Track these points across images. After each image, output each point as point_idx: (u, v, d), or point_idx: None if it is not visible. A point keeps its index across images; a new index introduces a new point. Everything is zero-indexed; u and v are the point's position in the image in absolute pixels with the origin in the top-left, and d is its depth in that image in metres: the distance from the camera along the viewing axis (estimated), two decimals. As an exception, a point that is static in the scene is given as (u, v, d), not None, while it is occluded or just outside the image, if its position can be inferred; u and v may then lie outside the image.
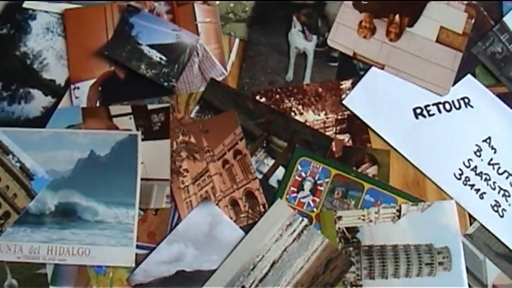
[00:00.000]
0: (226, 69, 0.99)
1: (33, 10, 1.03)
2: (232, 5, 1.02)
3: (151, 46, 0.98)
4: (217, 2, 1.02)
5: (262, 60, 1.00)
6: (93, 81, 0.99)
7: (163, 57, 0.97)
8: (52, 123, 0.98)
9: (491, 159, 0.98)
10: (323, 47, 1.01)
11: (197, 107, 0.98)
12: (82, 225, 0.94)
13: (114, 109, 0.98)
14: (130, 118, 0.97)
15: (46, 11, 1.03)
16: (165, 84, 0.96)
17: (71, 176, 0.96)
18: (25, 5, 1.03)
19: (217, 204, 0.95)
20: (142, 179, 0.95)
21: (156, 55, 0.96)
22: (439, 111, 1.00)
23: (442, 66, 1.00)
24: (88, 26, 1.01)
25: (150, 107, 0.98)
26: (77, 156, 0.96)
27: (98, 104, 0.98)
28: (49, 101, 0.99)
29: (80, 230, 0.94)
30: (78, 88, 0.98)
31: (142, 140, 0.96)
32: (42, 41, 1.01)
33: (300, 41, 1.00)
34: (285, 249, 0.93)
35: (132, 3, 1.01)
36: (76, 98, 0.98)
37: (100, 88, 0.98)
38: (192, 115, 0.98)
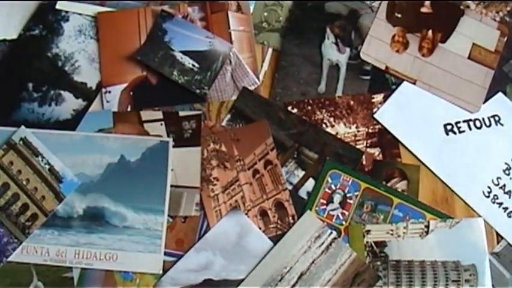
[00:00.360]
0: (258, 79, 1.00)
1: (66, 12, 1.03)
2: (266, 14, 1.03)
3: (184, 52, 0.98)
4: (251, 11, 1.01)
5: (295, 71, 1.00)
6: (124, 85, 0.99)
7: (196, 64, 0.97)
8: (82, 126, 0.99)
9: (520, 178, 0.99)
10: (356, 59, 1.01)
11: (229, 116, 0.99)
12: (110, 230, 0.95)
13: (145, 114, 0.98)
14: (162, 124, 0.98)
15: (79, 13, 1.03)
16: (197, 91, 0.97)
17: (100, 180, 0.96)
18: (58, 6, 1.03)
19: (246, 214, 0.95)
20: (172, 186, 0.95)
21: (188, 62, 0.97)
22: (469, 128, 1.01)
23: (473, 83, 1.01)
24: (121, 30, 1.01)
25: (181, 113, 0.98)
26: (107, 160, 0.96)
27: (129, 109, 0.98)
28: (80, 104, 0.99)
29: (108, 235, 0.95)
30: (109, 92, 0.99)
31: (173, 146, 0.96)
32: (75, 43, 1.02)
33: (333, 53, 1.01)
34: (313, 262, 0.93)
35: (166, 8, 1.01)
36: (107, 102, 0.99)
37: (131, 93, 0.99)
38: (224, 123, 0.98)
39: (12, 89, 1.01)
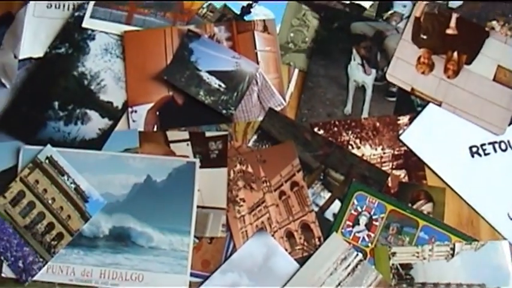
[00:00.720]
0: (285, 99, 1.01)
1: (92, 30, 1.05)
2: (292, 34, 1.04)
3: (211, 72, 0.99)
4: (277, 31, 1.03)
5: (321, 92, 1.01)
6: (151, 105, 1.01)
7: (222, 85, 0.98)
8: (108, 145, 1.00)
9: (545, 201, 1.00)
10: (381, 81, 1.02)
11: (255, 136, 1.00)
12: (136, 250, 0.96)
13: (172, 135, 0.99)
14: (188, 144, 0.99)
15: (105, 32, 1.04)
16: (224, 111, 0.98)
17: (126, 200, 0.97)
18: (84, 24, 1.05)
19: (272, 236, 0.96)
20: (198, 207, 0.96)
21: (215, 82, 0.98)
22: (495, 150, 1.02)
23: (498, 106, 1.02)
24: (147, 49, 1.02)
25: (207, 134, 0.99)
26: (133, 180, 0.97)
27: (155, 129, 0.99)
28: (106, 123, 1.00)
29: (134, 255, 0.95)
30: (135, 111, 1.00)
31: (200, 167, 0.97)
32: (101, 62, 1.03)
33: (359, 74, 1.02)
34: (339, 283, 0.94)
35: (192, 27, 1.02)
36: (133, 121, 1.00)
37: (158, 113, 1.00)
38: (250, 144, 0.99)
39: (38, 108, 1.02)
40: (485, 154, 1.02)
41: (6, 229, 0.97)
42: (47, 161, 0.98)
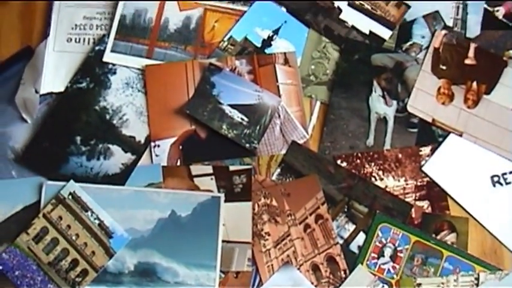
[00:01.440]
0: (307, 132, 1.03)
1: (113, 64, 1.07)
2: (313, 67, 1.07)
3: (233, 106, 1.02)
4: (298, 64, 1.05)
5: (343, 124, 1.04)
6: (174, 139, 1.03)
7: (245, 118, 1.01)
8: (132, 180, 1.02)
9: None
10: (403, 112, 1.05)
11: (278, 170, 1.02)
12: (162, 286, 0.98)
13: (196, 169, 1.02)
14: (212, 179, 1.01)
15: (126, 66, 1.06)
16: (247, 145, 1.00)
17: (151, 236, 0.99)
18: (105, 59, 1.06)
19: (298, 269, 0.98)
20: (223, 241, 0.98)
21: (237, 115, 1.00)
22: (516, 179, 1.05)
23: (519, 135, 1.05)
24: (169, 83, 1.05)
25: (231, 168, 1.01)
26: (158, 215, 0.99)
27: (178, 163, 1.01)
28: (129, 158, 1.02)
29: (160, 291, 0.97)
30: (158, 146, 1.02)
31: (224, 201, 0.99)
32: (122, 96, 1.05)
33: (380, 106, 1.04)
34: (366, 316, 0.96)
35: (214, 61, 1.04)
36: (156, 155, 1.02)
37: (181, 147, 1.02)
38: (274, 178, 1.02)
39: (60, 143, 1.04)
40: (507, 183, 1.05)
41: (30, 266, 0.98)
42: (70, 197, 1.00)
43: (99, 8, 1.11)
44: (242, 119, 1.02)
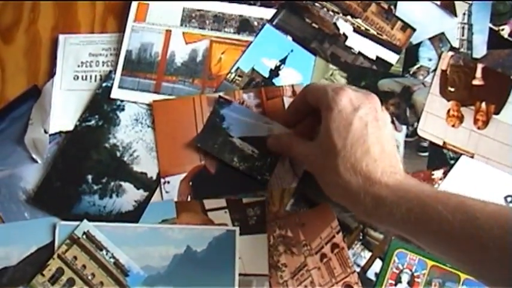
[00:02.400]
0: (318, 161, 1.05)
1: (121, 101, 1.09)
2: (321, 95, 1.08)
3: (243, 139, 1.04)
4: (307, 93, 1.08)
5: (355, 152, 1.06)
6: (183, 175, 1.05)
7: (256, 150, 1.04)
8: (145, 217, 1.05)
9: None
10: (413, 136, 1.08)
11: (292, 200, 1.04)
12: (181, 322, 0.99)
13: (209, 203, 1.05)
14: (226, 212, 1.04)
15: (134, 102, 1.08)
16: (259, 177, 1.03)
17: (167, 272, 1.01)
18: (113, 95, 1.09)
19: (317, 299, 1.00)
20: (240, 275, 1.01)
21: (248, 148, 1.03)
22: (529, 198, 1.07)
23: (530, 156, 1.08)
24: (177, 118, 1.08)
25: (245, 200, 1.04)
26: (173, 252, 1.02)
27: (188, 199, 1.03)
28: (141, 195, 1.05)
29: (179, 328, 0.99)
30: (168, 182, 1.05)
31: (239, 234, 1.01)
32: (132, 132, 1.07)
33: (390, 131, 1.07)
34: None
35: (222, 94, 1.07)
36: (166, 192, 1.04)
37: (191, 183, 1.04)
38: (288, 208, 1.04)
39: (72, 182, 1.07)
40: (521, 203, 1.08)
41: (47, 308, 1.00)
42: (84, 237, 1.03)
43: (105, 44, 1.13)
44: (253, 151, 1.05)
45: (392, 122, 1.11)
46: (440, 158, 1.12)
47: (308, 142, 0.87)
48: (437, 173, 1.11)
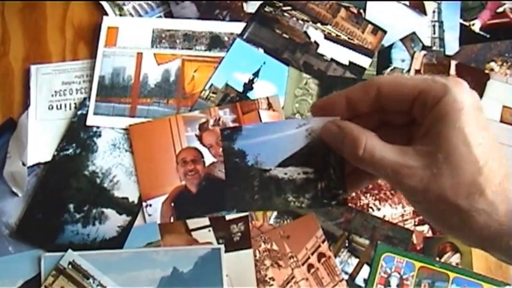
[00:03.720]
0: (299, 172, 1.07)
1: (98, 127, 1.11)
2: (297, 105, 1.12)
3: (284, 163, 0.89)
4: (282, 104, 1.10)
5: (334, 159, 1.08)
6: (165, 197, 1.07)
7: (309, 169, 0.90)
8: (130, 242, 1.07)
9: None
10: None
11: (275, 213, 1.06)
12: None
13: (192, 222, 1.07)
14: (210, 230, 1.06)
15: (111, 127, 1.10)
16: (334, 202, 0.76)
17: (156, 295, 1.03)
18: (88, 122, 1.11)
19: (307, 311, 1.02)
20: (229, 292, 1.02)
21: (297, 172, 0.85)
22: None
23: (508, 146, 1.10)
24: (154, 140, 1.10)
25: (228, 217, 1.06)
26: (160, 274, 1.04)
27: (171, 221, 1.05)
28: (124, 220, 1.07)
29: None
30: (150, 205, 1.07)
31: (225, 251, 1.03)
32: (110, 158, 1.10)
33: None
34: None
35: (197, 113, 1.09)
36: (149, 215, 1.07)
37: (172, 204, 1.06)
38: (271, 221, 1.06)
39: (54, 213, 1.09)
40: (504, 197, 1.10)
41: None
42: (70, 266, 1.05)
43: (77, 72, 1.16)
44: (305, 172, 0.68)
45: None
46: (421, 158, 1.14)
47: (396, 147, 0.53)
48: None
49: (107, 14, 1.19)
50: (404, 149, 0.54)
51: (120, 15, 1.19)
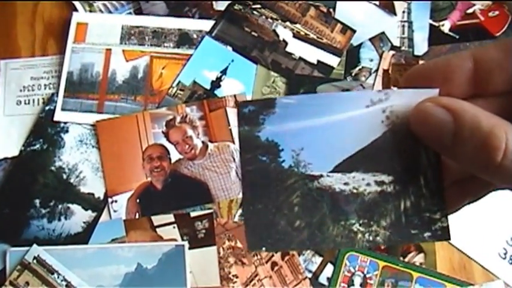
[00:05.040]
0: (264, 170, 1.10)
1: (65, 123, 1.13)
2: (264, 103, 1.13)
3: (345, 166, 0.94)
4: (250, 102, 1.12)
5: (300, 157, 1.10)
6: (130, 193, 1.09)
7: (390, 176, 0.88)
8: (95, 238, 1.09)
9: (534, 236, 1.10)
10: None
11: (240, 211, 1.08)
12: None
13: (157, 219, 1.09)
14: (174, 227, 1.08)
15: (78, 123, 1.12)
16: (428, 235, 0.78)
17: (119, 291, 1.05)
18: (56, 118, 1.13)
19: (269, 308, 1.05)
20: (192, 289, 1.05)
21: (370, 180, 0.91)
22: (478, 192, 1.11)
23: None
24: (121, 136, 1.12)
25: (192, 214, 1.08)
26: (124, 270, 1.06)
27: (137, 217, 1.08)
28: (89, 216, 1.09)
29: None
30: (116, 201, 1.09)
31: (189, 248, 1.05)
32: (77, 154, 1.12)
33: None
34: None
35: (164, 110, 1.11)
36: (114, 211, 1.09)
37: (138, 200, 1.08)
38: (236, 219, 1.08)
39: (20, 208, 1.11)
40: (469, 197, 1.12)
41: (2, 335, 1.04)
42: (34, 261, 1.07)
43: (46, 67, 1.18)
44: (380, 182, 0.42)
45: (336, 125, 1.15)
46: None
47: None
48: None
49: (77, 10, 1.21)
50: None
51: (90, 11, 1.21)
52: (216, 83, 1.17)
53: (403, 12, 1.22)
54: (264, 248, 0.44)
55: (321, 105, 0.40)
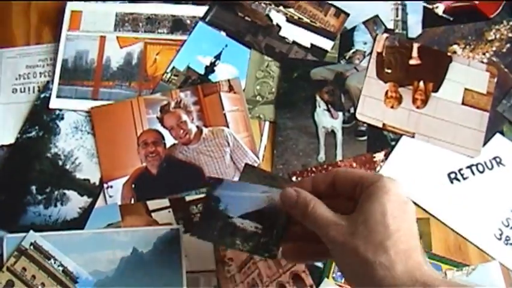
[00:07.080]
0: (258, 157, 1.13)
1: (60, 110, 1.16)
2: (258, 87, 1.16)
3: (244, 216, 0.94)
4: (244, 87, 1.15)
5: (293, 145, 1.14)
6: (126, 178, 1.12)
7: (259, 226, 0.93)
8: (91, 223, 1.11)
9: (529, 216, 1.12)
10: (349, 122, 1.16)
11: (234, 194, 1.11)
12: (131, 324, 1.06)
13: (152, 204, 1.11)
14: (169, 211, 1.10)
15: (73, 110, 1.15)
16: (266, 254, 0.92)
17: (116, 275, 1.08)
18: (51, 105, 1.16)
19: (265, 291, 1.08)
20: (187, 272, 1.08)
21: (250, 225, 0.94)
22: (473, 173, 1.14)
23: (470, 128, 1.15)
24: (116, 123, 1.15)
25: (187, 198, 1.10)
26: (120, 254, 1.09)
27: (132, 202, 1.10)
28: (85, 201, 1.12)
29: (130, 330, 1.06)
30: (111, 187, 1.12)
31: (184, 232, 1.08)
32: (72, 140, 1.14)
33: (326, 120, 1.14)
34: (337, 329, 1.05)
35: (158, 95, 1.14)
36: (110, 197, 1.11)
37: (133, 185, 1.11)
38: (230, 203, 1.11)
39: (16, 194, 1.14)
40: (464, 178, 1.15)
41: (0, 321, 1.07)
42: (31, 247, 1.09)
43: (41, 55, 1.20)
44: (256, 227, 0.92)
45: (328, 109, 1.18)
46: (381, 140, 1.18)
47: (334, 212, 0.74)
48: (379, 156, 1.18)
49: (71, -1, 1.24)
50: (338, 215, 0.74)
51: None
52: (210, 68, 1.20)
53: (397, -5, 1.24)
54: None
55: (242, 187, 0.99)
